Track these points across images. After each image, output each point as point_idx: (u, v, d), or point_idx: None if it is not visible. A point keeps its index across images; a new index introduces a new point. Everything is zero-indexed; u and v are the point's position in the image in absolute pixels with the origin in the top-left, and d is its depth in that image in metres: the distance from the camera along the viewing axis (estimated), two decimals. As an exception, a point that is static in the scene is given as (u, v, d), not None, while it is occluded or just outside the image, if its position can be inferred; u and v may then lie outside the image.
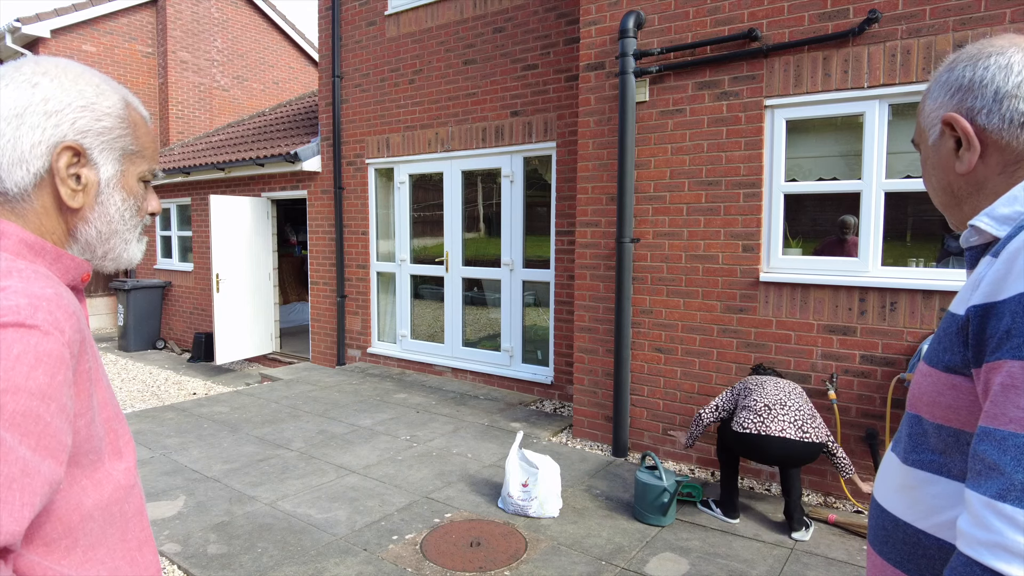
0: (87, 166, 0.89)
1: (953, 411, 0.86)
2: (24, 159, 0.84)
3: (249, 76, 14.35)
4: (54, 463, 0.73)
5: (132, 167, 0.95)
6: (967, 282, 0.90)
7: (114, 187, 0.92)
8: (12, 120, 0.84)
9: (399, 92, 7.17)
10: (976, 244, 0.95)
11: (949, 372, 0.87)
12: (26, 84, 0.86)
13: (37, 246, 0.86)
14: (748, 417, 3.51)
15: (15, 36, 11.57)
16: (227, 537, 3.52)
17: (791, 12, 4.08)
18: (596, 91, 4.92)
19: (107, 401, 0.90)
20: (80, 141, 0.87)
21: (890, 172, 3.91)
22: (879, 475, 1.04)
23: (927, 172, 1.03)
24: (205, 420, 5.65)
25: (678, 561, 3.29)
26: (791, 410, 3.49)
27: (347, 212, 7.80)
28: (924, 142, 1.02)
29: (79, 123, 0.87)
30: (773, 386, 3.64)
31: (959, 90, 0.95)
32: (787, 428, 3.42)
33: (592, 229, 4.99)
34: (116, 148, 0.91)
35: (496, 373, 6.59)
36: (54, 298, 0.78)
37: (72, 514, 0.81)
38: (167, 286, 10.56)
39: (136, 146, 0.95)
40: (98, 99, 0.90)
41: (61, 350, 0.76)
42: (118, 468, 0.91)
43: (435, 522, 3.69)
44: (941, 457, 0.89)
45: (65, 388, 0.76)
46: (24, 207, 0.87)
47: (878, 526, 0.99)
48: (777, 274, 4.22)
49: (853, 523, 3.62)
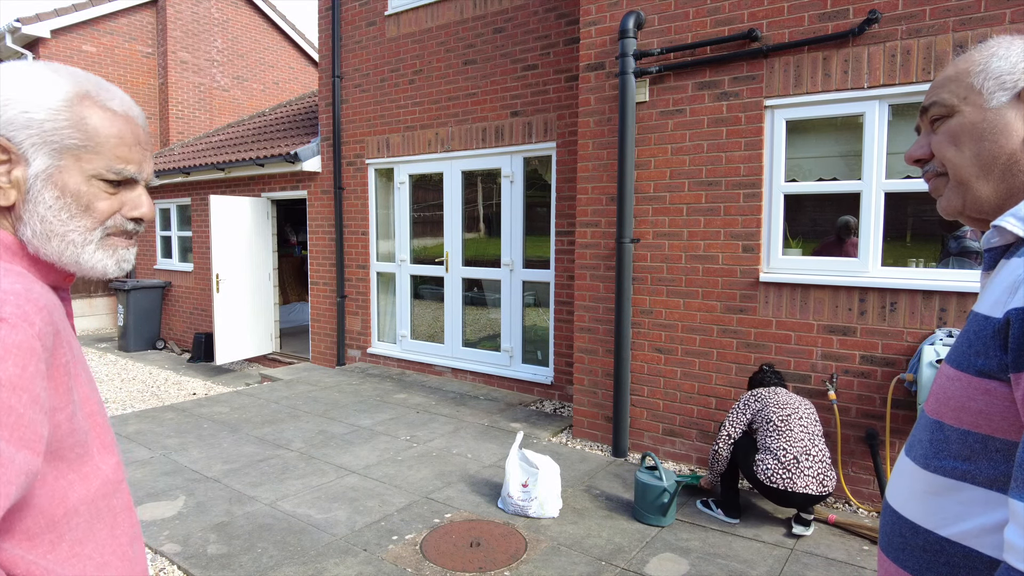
0: (18, 162, 0.85)
1: (984, 417, 0.84)
2: None
3: (249, 76, 14.35)
4: (30, 453, 0.73)
5: (76, 163, 0.88)
6: (996, 283, 0.86)
7: (44, 183, 0.86)
8: None
9: (399, 92, 7.17)
10: (996, 245, 0.92)
11: (983, 377, 0.84)
12: None
13: (14, 247, 0.86)
14: (775, 469, 3.43)
15: (15, 36, 11.57)
16: (227, 537, 3.51)
17: (791, 12, 4.08)
18: (596, 91, 4.92)
19: (88, 397, 0.89)
20: (5, 134, 0.84)
21: (890, 172, 3.91)
22: (892, 480, 1.01)
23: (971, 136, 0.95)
24: (205, 420, 5.65)
25: (678, 561, 3.29)
26: (815, 461, 3.44)
27: (347, 212, 7.80)
28: (976, 105, 0.94)
29: (4, 115, 0.84)
30: (797, 420, 3.53)
31: None
32: (811, 484, 3.40)
33: (592, 229, 4.99)
34: (50, 142, 0.86)
35: (496, 373, 6.59)
36: (22, 292, 0.78)
37: (56, 508, 0.81)
38: (167, 286, 10.56)
39: (83, 141, 0.88)
40: (33, 92, 0.85)
41: (31, 342, 0.75)
42: (108, 463, 0.90)
43: (435, 522, 3.69)
44: (966, 464, 0.86)
45: (37, 379, 0.75)
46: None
47: (893, 532, 0.96)
48: (777, 274, 4.22)
49: (853, 523, 3.62)
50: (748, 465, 3.57)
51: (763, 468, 3.47)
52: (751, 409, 3.68)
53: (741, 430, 3.68)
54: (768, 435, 3.54)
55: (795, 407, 3.60)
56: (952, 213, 0.99)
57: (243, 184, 8.98)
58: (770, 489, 3.45)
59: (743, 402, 3.73)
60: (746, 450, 3.62)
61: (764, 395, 3.69)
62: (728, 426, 3.70)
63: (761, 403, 3.66)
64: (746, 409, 3.69)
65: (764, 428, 3.58)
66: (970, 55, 0.97)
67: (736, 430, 3.68)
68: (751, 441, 3.66)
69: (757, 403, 3.68)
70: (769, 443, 3.52)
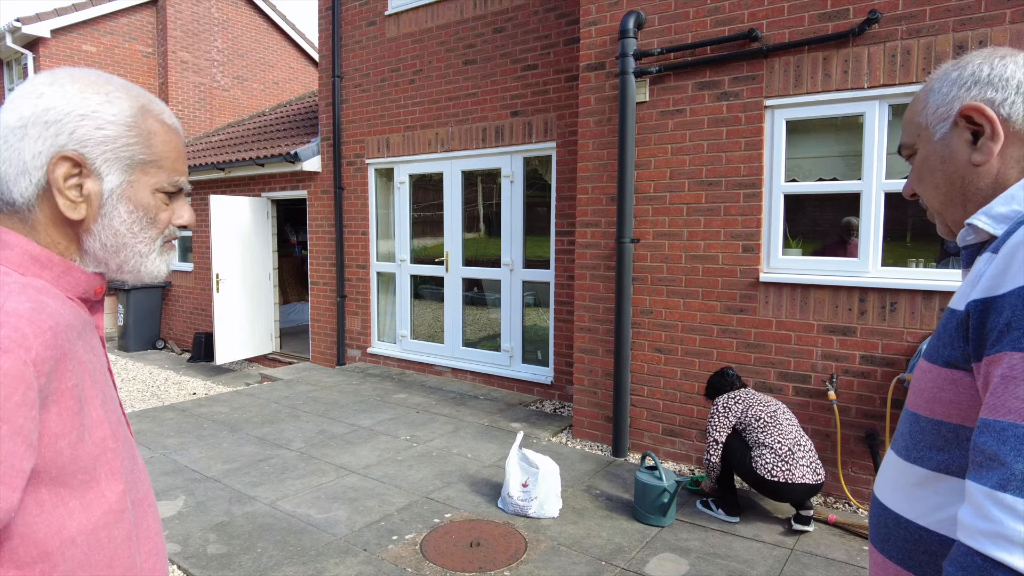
0: (89, 177, 0.86)
1: (954, 406, 0.87)
2: (27, 169, 0.84)
3: (249, 76, 14.35)
4: (5, 489, 0.70)
5: (144, 177, 0.90)
6: (966, 279, 0.90)
7: (119, 199, 0.89)
8: (17, 131, 0.84)
9: (399, 92, 7.17)
10: (972, 243, 0.96)
11: (950, 367, 0.87)
12: (32, 95, 0.85)
13: (43, 258, 0.85)
14: (774, 462, 3.48)
15: (15, 36, 11.58)
16: (227, 537, 3.52)
17: (791, 12, 4.08)
18: (596, 91, 4.92)
19: (101, 420, 0.86)
20: (79, 151, 0.85)
21: (890, 172, 3.91)
22: (880, 473, 1.04)
23: (927, 170, 1.02)
24: (205, 420, 5.65)
25: (678, 561, 3.29)
26: (806, 451, 3.53)
27: (347, 212, 7.80)
28: (926, 140, 1.02)
29: (78, 132, 0.85)
30: (782, 414, 3.62)
31: (976, 83, 0.95)
32: (807, 474, 3.46)
33: (592, 229, 4.99)
34: (122, 158, 0.88)
35: (496, 373, 6.58)
36: (26, 314, 0.75)
37: (51, 538, 0.78)
38: (167, 286, 10.56)
39: (149, 156, 0.90)
40: (102, 107, 0.86)
41: (21, 368, 0.72)
42: (114, 491, 0.86)
43: (435, 522, 3.69)
44: (940, 454, 0.89)
45: (22, 409, 0.72)
46: (32, 218, 0.85)
47: (880, 524, 0.99)
48: (777, 274, 4.22)
49: (853, 523, 3.62)
50: (746, 464, 3.58)
51: (762, 463, 3.50)
52: (734, 412, 3.70)
53: (727, 434, 3.72)
54: (760, 432, 3.59)
55: (776, 403, 3.70)
56: (948, 237, 1.05)
57: (243, 184, 8.98)
58: (770, 483, 3.47)
59: (723, 406, 3.75)
60: (739, 451, 3.65)
61: (743, 396, 3.74)
62: (714, 432, 3.73)
63: (744, 404, 3.70)
64: (728, 413, 3.72)
65: (754, 426, 3.62)
66: (919, 93, 1.05)
67: (723, 435, 3.71)
68: (741, 442, 3.68)
69: (739, 405, 3.71)
70: (762, 439, 3.56)
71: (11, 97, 0.86)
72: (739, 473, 3.65)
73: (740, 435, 3.70)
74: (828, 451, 4.06)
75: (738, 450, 3.65)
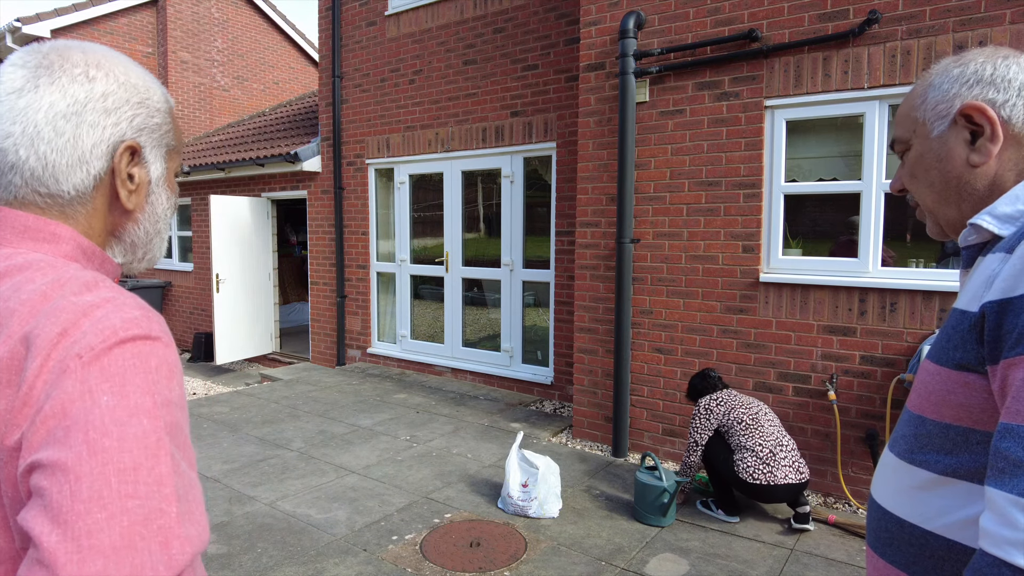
0: (139, 165, 0.84)
1: (964, 410, 0.85)
2: (85, 160, 0.78)
3: (249, 76, 14.35)
4: (195, 474, 0.71)
5: (171, 164, 0.90)
6: (975, 278, 0.88)
7: (162, 185, 0.88)
8: (71, 118, 0.77)
9: (399, 92, 7.17)
10: (974, 243, 0.94)
11: (961, 370, 0.85)
12: (82, 77, 0.78)
13: (90, 251, 0.81)
14: (756, 465, 3.50)
15: (15, 36, 11.57)
16: (227, 537, 3.51)
17: (791, 13, 4.08)
18: (596, 91, 4.92)
19: None
20: (137, 139, 0.83)
21: (890, 172, 3.91)
22: (877, 476, 1.02)
23: (922, 168, 1.00)
24: (205, 420, 5.65)
25: (678, 562, 3.29)
26: (788, 451, 3.55)
27: (347, 212, 7.80)
28: (922, 137, 1.00)
29: (136, 120, 0.82)
30: (763, 415, 3.65)
31: (978, 82, 0.94)
32: (790, 474, 3.48)
33: (592, 229, 4.99)
34: (163, 145, 0.87)
35: (496, 373, 6.58)
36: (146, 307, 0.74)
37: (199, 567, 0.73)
38: (167, 286, 10.56)
39: (177, 141, 0.90)
40: (149, 94, 0.84)
41: (178, 360, 0.72)
42: None
43: (435, 522, 3.69)
44: (948, 457, 0.87)
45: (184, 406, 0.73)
46: (76, 209, 0.80)
47: (880, 528, 0.97)
48: (777, 275, 4.22)
49: (853, 523, 3.62)
50: (728, 467, 3.61)
51: (744, 467, 3.52)
52: (716, 415, 3.72)
53: (708, 437, 3.73)
54: (741, 434, 3.60)
55: (758, 404, 3.71)
56: (938, 236, 1.04)
57: (243, 184, 8.98)
58: (753, 487, 3.49)
59: (704, 408, 3.76)
60: (722, 455, 3.67)
61: (725, 398, 3.75)
62: (695, 434, 3.75)
63: (726, 406, 3.71)
64: (709, 415, 3.73)
65: (735, 428, 3.64)
66: (916, 87, 1.03)
67: (704, 437, 3.73)
68: (724, 445, 3.69)
69: (721, 407, 3.72)
70: (744, 441, 3.58)
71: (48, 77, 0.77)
72: (723, 477, 3.66)
73: (723, 438, 3.72)
74: (828, 451, 4.06)
75: (721, 453, 3.68)
